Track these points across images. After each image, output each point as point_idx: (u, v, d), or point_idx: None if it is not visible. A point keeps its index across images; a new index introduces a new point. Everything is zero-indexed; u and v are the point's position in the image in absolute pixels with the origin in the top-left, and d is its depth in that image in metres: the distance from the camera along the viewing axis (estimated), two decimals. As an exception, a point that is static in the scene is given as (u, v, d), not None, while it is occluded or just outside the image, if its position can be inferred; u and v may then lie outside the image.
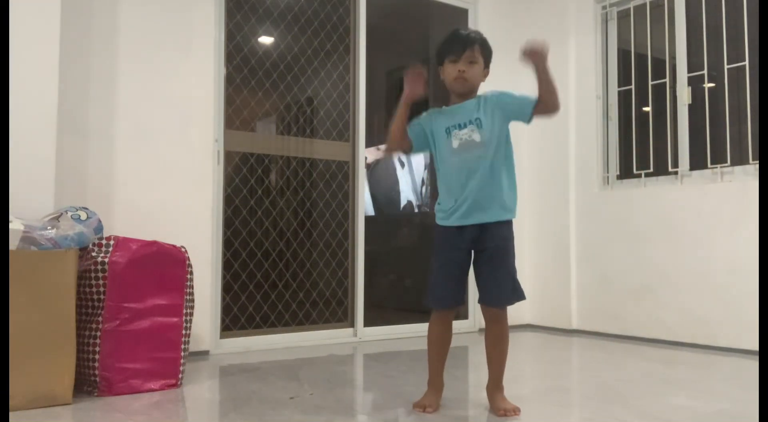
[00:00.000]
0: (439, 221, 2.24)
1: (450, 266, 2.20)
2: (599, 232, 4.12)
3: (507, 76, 4.57)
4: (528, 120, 2.18)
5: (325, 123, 4.10)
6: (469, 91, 2.22)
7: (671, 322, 3.71)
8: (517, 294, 2.19)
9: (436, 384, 2.26)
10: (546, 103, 2.12)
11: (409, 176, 5.78)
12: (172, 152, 3.24)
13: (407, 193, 5.82)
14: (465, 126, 2.18)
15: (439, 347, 2.26)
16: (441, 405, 2.22)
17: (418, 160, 5.67)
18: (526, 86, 1.90)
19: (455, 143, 2.18)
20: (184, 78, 3.29)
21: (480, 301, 2.23)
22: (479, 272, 2.21)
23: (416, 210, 5.75)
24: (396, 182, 5.88)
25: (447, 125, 2.21)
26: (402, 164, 5.80)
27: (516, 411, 2.15)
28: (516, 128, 2.21)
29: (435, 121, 2.25)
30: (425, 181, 5.67)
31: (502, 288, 2.18)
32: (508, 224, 2.20)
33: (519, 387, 2.58)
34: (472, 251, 2.22)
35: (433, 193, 5.50)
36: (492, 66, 2.26)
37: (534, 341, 3.99)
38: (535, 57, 2.07)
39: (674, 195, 3.77)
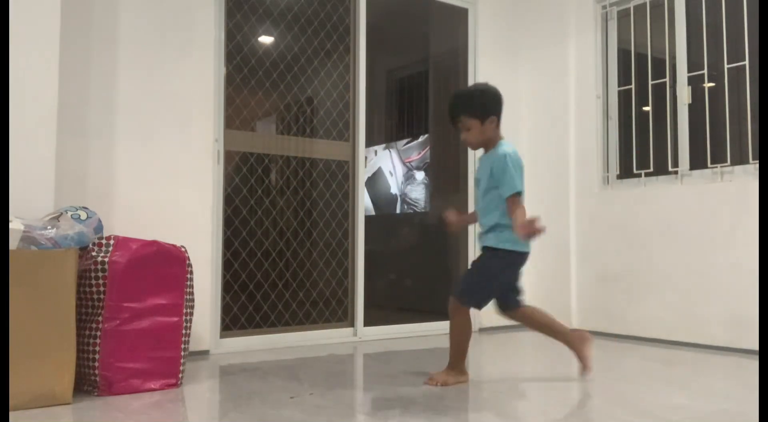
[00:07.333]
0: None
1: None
2: (599, 232, 4.12)
3: (507, 76, 4.60)
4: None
5: (325, 123, 4.10)
6: (481, 146, 2.61)
7: (671, 322, 3.71)
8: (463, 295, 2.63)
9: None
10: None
11: (395, 181, 6.02)
12: (172, 151, 3.24)
13: (396, 194, 5.98)
14: (478, 180, 2.65)
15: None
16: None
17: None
18: (526, 85, 1.93)
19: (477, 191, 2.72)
20: (184, 78, 3.29)
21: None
22: None
23: (398, 211, 5.97)
24: (388, 185, 6.03)
25: (476, 175, 2.71)
26: (391, 174, 6.04)
27: (435, 381, 2.51)
28: (514, 125, 2.21)
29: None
30: (427, 184, 5.68)
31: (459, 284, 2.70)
32: (492, 250, 2.56)
33: (518, 387, 2.58)
34: None
35: (434, 194, 5.51)
36: (493, 66, 2.27)
37: (533, 340, 3.98)
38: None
39: (674, 195, 3.77)
